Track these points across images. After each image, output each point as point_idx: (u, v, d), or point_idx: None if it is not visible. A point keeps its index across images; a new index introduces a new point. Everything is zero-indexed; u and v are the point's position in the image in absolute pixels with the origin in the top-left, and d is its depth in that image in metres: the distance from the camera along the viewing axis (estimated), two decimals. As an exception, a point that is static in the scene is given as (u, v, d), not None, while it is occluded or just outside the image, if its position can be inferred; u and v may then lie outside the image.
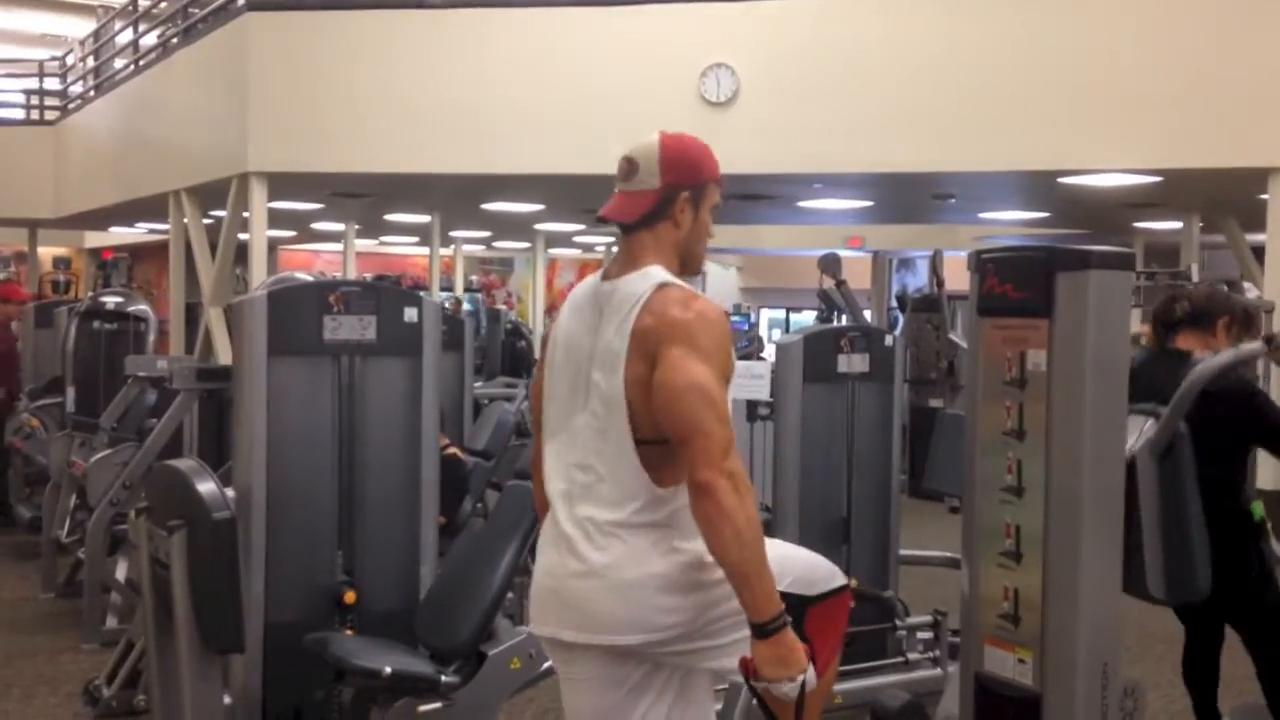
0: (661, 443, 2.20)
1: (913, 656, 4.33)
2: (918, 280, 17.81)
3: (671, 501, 2.22)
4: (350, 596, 3.62)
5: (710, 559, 2.17)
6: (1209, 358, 3.17)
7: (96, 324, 6.79)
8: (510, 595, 3.68)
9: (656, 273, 2.27)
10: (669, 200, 2.31)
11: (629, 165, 2.34)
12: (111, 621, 5.39)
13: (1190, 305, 3.58)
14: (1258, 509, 3.47)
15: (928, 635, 4.41)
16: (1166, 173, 7.10)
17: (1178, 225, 9.86)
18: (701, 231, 2.36)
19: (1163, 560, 2.93)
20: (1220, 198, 8.45)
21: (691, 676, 2.32)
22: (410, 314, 3.78)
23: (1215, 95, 6.41)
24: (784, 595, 2.17)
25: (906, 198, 9.65)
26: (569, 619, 2.26)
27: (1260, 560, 3.47)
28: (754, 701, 2.25)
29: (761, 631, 2.13)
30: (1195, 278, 7.76)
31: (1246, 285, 8.05)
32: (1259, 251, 7.50)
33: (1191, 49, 6.44)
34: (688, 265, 2.36)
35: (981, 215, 10.94)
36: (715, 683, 2.46)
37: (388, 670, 3.22)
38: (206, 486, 3.19)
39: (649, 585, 2.20)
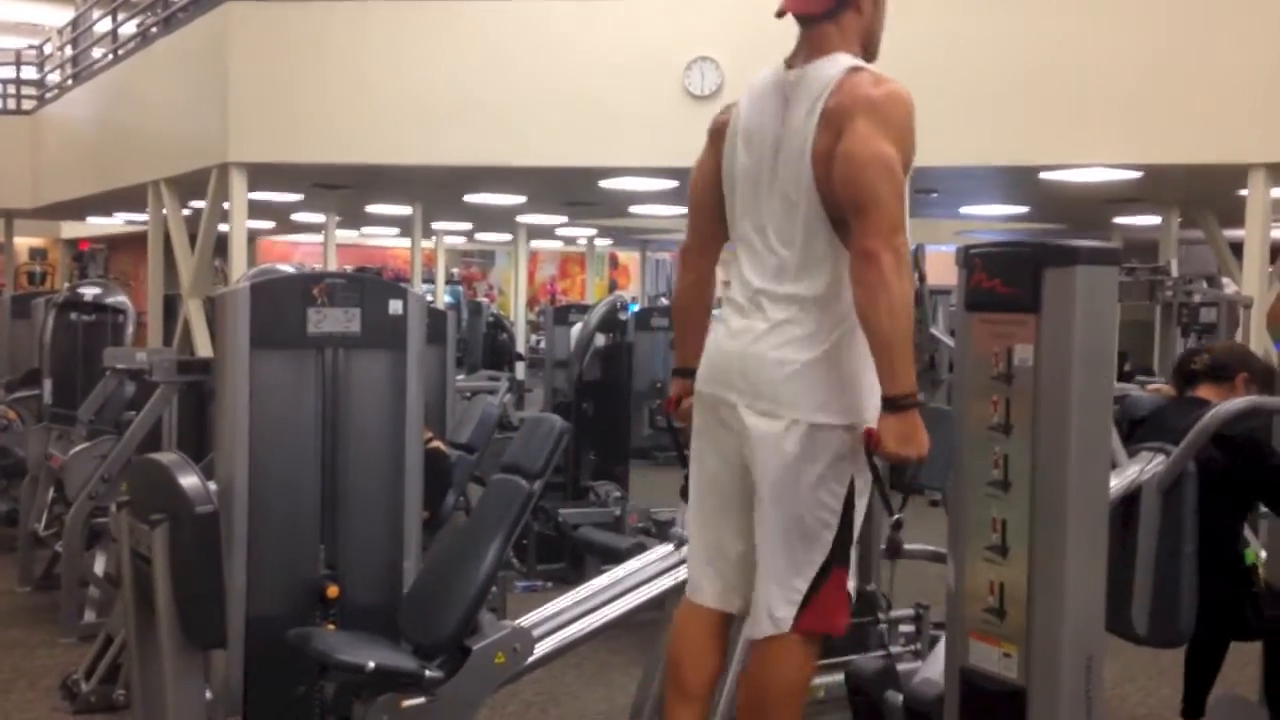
0: (843, 223, 2.28)
1: (895, 649, 4.34)
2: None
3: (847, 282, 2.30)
4: (333, 591, 3.60)
5: (864, 352, 2.27)
6: (1226, 403, 3.19)
7: (74, 315, 6.73)
8: (494, 590, 3.68)
9: (845, 58, 2.33)
10: None
11: None
12: (89, 616, 5.34)
13: (1211, 359, 3.63)
14: (1250, 554, 3.51)
15: (910, 629, 4.42)
16: (1146, 168, 7.15)
17: (1157, 220, 9.92)
18: (882, 15, 2.44)
19: (1150, 599, 2.96)
20: (1199, 193, 8.50)
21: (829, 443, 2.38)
22: (395, 307, 3.76)
23: (1195, 92, 6.45)
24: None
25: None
26: (742, 382, 2.36)
27: (1253, 602, 3.51)
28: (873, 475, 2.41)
29: (893, 405, 2.23)
30: (1174, 273, 7.83)
31: (1225, 281, 8.13)
32: (1236, 247, 7.55)
33: (1171, 45, 6.48)
34: (869, 50, 2.42)
35: (962, 210, 10.97)
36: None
37: (371, 665, 3.19)
38: (189, 480, 3.16)
39: (822, 365, 2.31)
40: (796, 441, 2.33)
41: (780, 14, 2.40)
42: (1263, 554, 3.77)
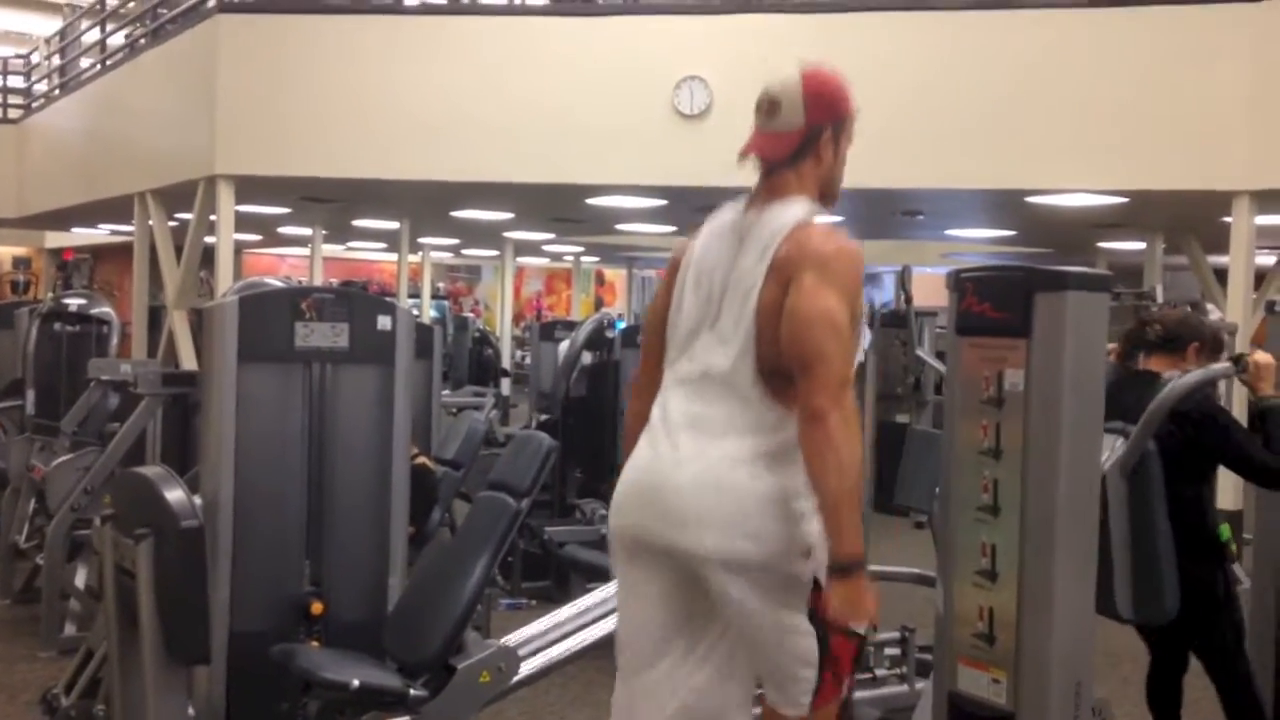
0: (782, 374, 2.24)
1: (880, 673, 4.34)
2: (884, 296, 17.92)
3: (782, 431, 2.25)
4: (318, 607, 3.58)
5: (799, 494, 2.20)
6: (1178, 377, 3.21)
7: (58, 326, 6.69)
8: (479, 608, 3.66)
9: (801, 207, 2.33)
10: (813, 139, 2.36)
11: (771, 104, 2.37)
12: (70, 629, 5.30)
13: (1162, 329, 3.62)
14: (1225, 530, 3.51)
15: (895, 651, 4.42)
16: (1131, 194, 7.19)
17: (1141, 246, 9.97)
18: (841, 164, 2.42)
19: (1131, 580, 2.96)
20: (1183, 220, 8.56)
21: (740, 651, 2.31)
22: (384, 322, 3.75)
23: (1180, 119, 6.49)
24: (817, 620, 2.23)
25: (874, 213, 9.70)
26: (654, 510, 2.28)
27: (1226, 581, 3.51)
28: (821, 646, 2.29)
29: (841, 570, 2.16)
30: (1159, 298, 7.86)
31: (1209, 306, 8.17)
32: (1220, 273, 7.60)
33: (1158, 73, 6.52)
34: (827, 197, 2.41)
35: (949, 232, 11.02)
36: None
37: (355, 683, 3.18)
38: (174, 494, 3.14)
39: (745, 495, 2.23)
40: (744, 589, 2.24)
41: (743, 156, 2.40)
42: (1246, 582, 3.77)
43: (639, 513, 2.31)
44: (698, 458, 2.26)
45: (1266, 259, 8.67)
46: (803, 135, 2.34)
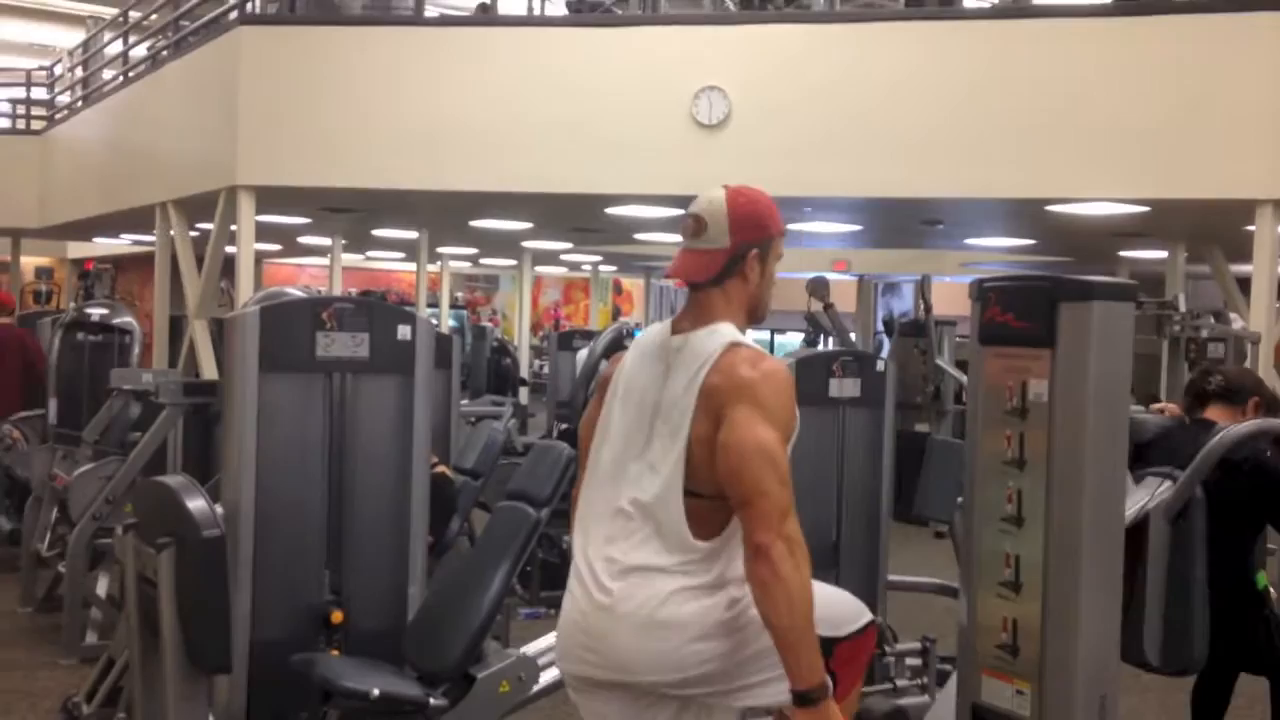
0: (710, 498, 2.21)
1: (901, 683, 4.32)
2: (903, 305, 17.88)
3: (710, 556, 2.22)
4: (338, 616, 3.58)
5: (744, 604, 2.17)
6: (1233, 426, 3.18)
7: (81, 335, 6.73)
8: (499, 617, 3.66)
9: (726, 330, 2.30)
10: (739, 258, 2.33)
11: (696, 224, 2.35)
12: (91, 637, 5.32)
13: (1224, 381, 3.63)
14: (1262, 578, 3.49)
15: (916, 662, 4.40)
16: (1153, 203, 7.15)
17: (1163, 255, 9.92)
18: (769, 283, 2.39)
19: (1161, 627, 2.93)
20: (1205, 228, 8.51)
21: (715, 715, 2.29)
22: (404, 332, 3.76)
23: (1202, 128, 6.46)
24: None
25: (895, 222, 9.69)
26: (596, 657, 2.25)
27: (1266, 626, 3.48)
28: None
29: (803, 699, 2.14)
30: (1182, 308, 7.82)
31: (1232, 316, 8.12)
32: (1243, 282, 7.55)
33: (1179, 82, 6.49)
34: (755, 315, 2.39)
35: (968, 241, 10.98)
36: None
37: (375, 692, 3.18)
38: (196, 504, 3.15)
39: (682, 627, 2.20)
40: (705, 697, 2.23)
41: (667, 278, 2.40)
42: (1273, 592, 3.74)
43: (583, 660, 2.29)
44: (628, 599, 2.22)
45: (1290, 268, 8.60)
46: (728, 255, 2.31)
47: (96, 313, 6.86)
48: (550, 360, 10.45)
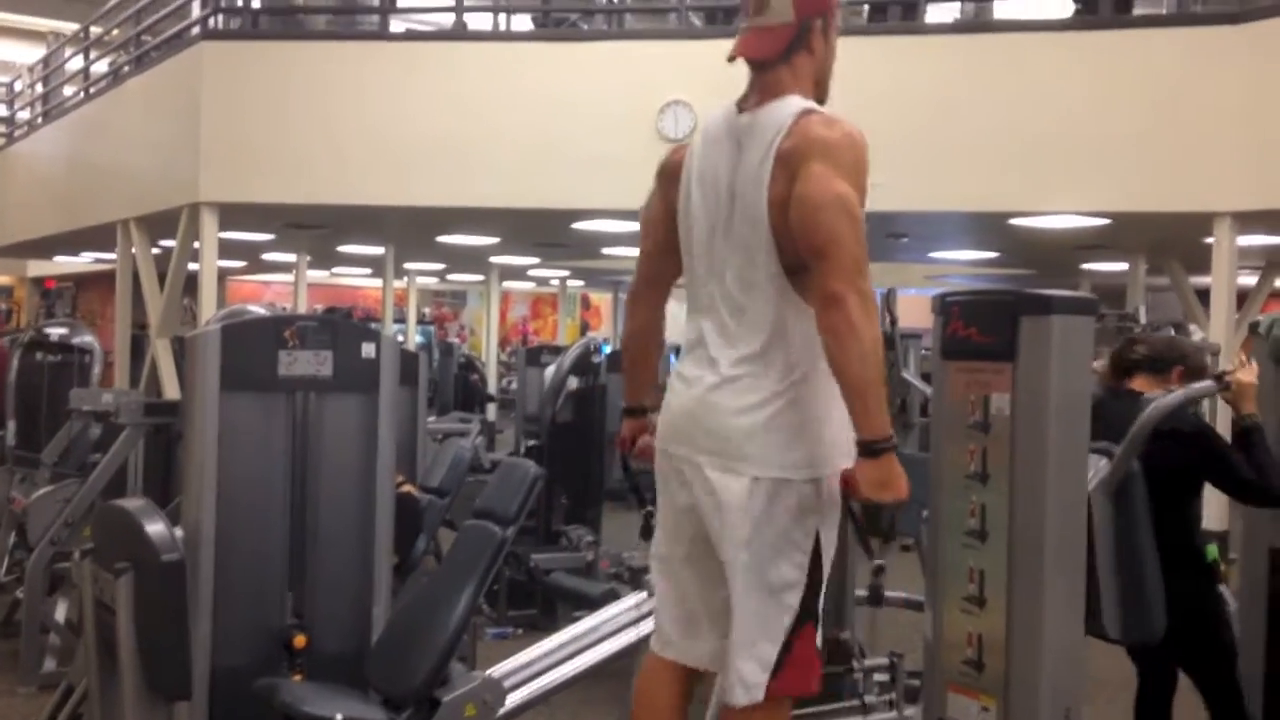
0: (806, 271, 2.23)
1: (869, 699, 4.30)
2: (869, 317, 17.90)
3: (815, 331, 2.24)
4: (300, 640, 3.54)
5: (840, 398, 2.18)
6: (1161, 397, 3.22)
7: (40, 355, 6.64)
8: (464, 638, 3.62)
9: (797, 101, 2.30)
10: (805, 31, 2.33)
11: (759, 1, 2.34)
12: (50, 664, 5.22)
13: (1149, 350, 3.65)
14: (1211, 550, 3.50)
15: (884, 678, 4.39)
16: (1114, 216, 7.22)
17: (1124, 267, 10.02)
18: (833, 55, 2.40)
19: (1118, 600, 2.95)
20: (1165, 241, 8.60)
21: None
22: (368, 350, 3.73)
23: (1162, 142, 6.53)
24: None
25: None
26: (708, 440, 2.29)
27: (1215, 600, 3.50)
28: (851, 520, 2.36)
29: (869, 450, 2.16)
30: (1143, 319, 7.90)
31: (1192, 327, 8.20)
32: (1202, 294, 7.63)
33: (1139, 97, 6.56)
34: (821, 90, 2.40)
35: (932, 254, 11.05)
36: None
37: (338, 718, 3.13)
38: (155, 527, 3.10)
39: (786, 427, 2.24)
40: (760, 498, 2.26)
41: (732, 59, 2.37)
42: (1234, 605, 3.76)
43: (690, 441, 2.34)
44: (739, 393, 2.27)
45: (1248, 279, 8.71)
46: (795, 29, 2.32)
47: (56, 332, 6.78)
48: (518, 376, 10.40)
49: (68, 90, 11.52)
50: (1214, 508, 5.23)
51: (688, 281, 2.43)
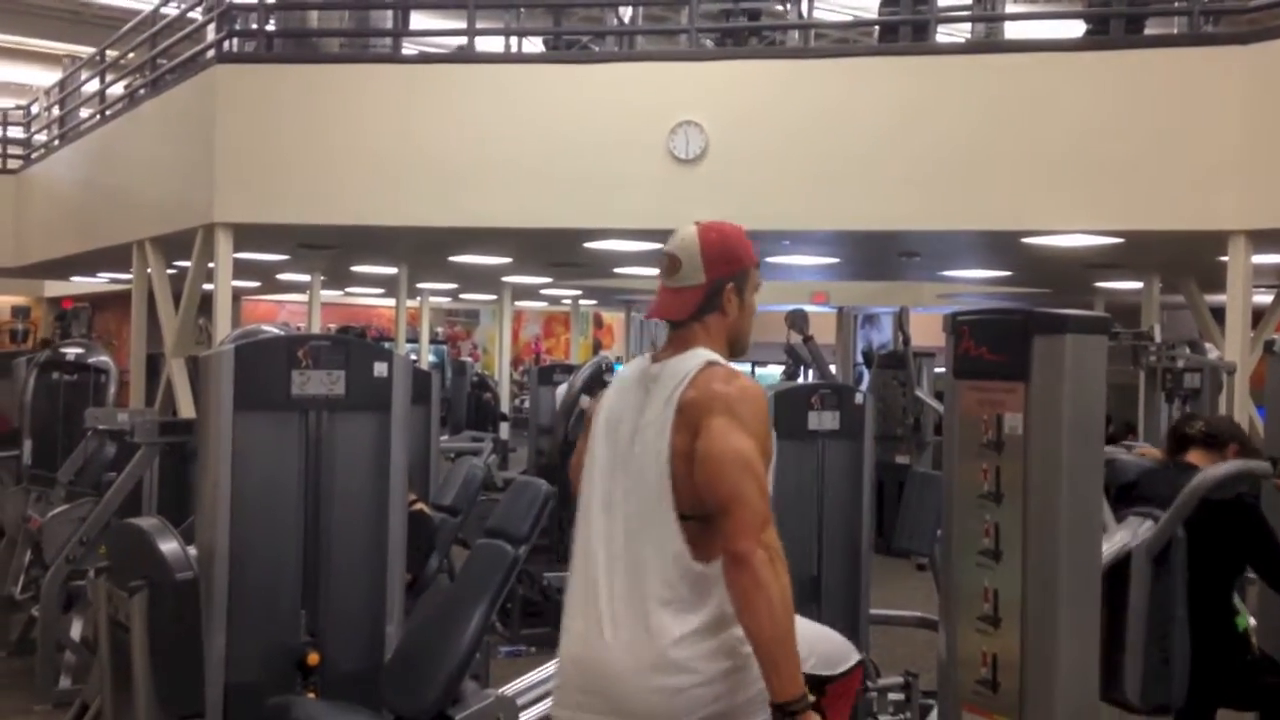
0: (699, 519, 2.21)
1: (884, 718, 4.29)
2: (882, 336, 17.92)
3: (712, 583, 2.21)
4: (314, 658, 3.54)
5: (744, 644, 2.15)
6: (1213, 467, 3.21)
7: (56, 375, 6.68)
8: (477, 656, 3.62)
9: (703, 353, 2.33)
10: (716, 293, 2.37)
11: (672, 263, 2.39)
12: (65, 682, 5.24)
13: (1205, 426, 3.69)
14: (1242, 620, 3.50)
15: (899, 697, 4.37)
16: (1127, 234, 7.21)
17: (1138, 285, 9.99)
18: (748, 314, 2.41)
19: (1143, 665, 2.93)
20: (1179, 259, 8.58)
21: None
22: (380, 369, 3.75)
23: (1175, 160, 6.52)
24: (807, 676, 2.16)
25: (872, 255, 9.73)
26: (598, 700, 2.23)
27: (1247, 670, 3.49)
28: None
29: (784, 712, 2.12)
30: (1157, 338, 7.87)
31: (1208, 346, 8.18)
32: (1217, 312, 7.60)
33: (1152, 116, 6.56)
34: (736, 348, 2.41)
35: (945, 273, 11.04)
36: None
37: (352, 735, 3.14)
38: (169, 546, 3.12)
39: (691, 671, 2.18)
40: None
41: (647, 318, 2.44)
42: (1253, 621, 3.75)
43: (580, 706, 2.27)
44: (633, 640, 2.20)
45: (1264, 297, 8.68)
46: (704, 291, 2.35)
47: (72, 352, 6.81)
48: (531, 394, 10.42)
49: (84, 113, 11.62)
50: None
51: (581, 516, 2.39)
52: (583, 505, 2.39)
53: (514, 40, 8.60)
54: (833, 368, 13.28)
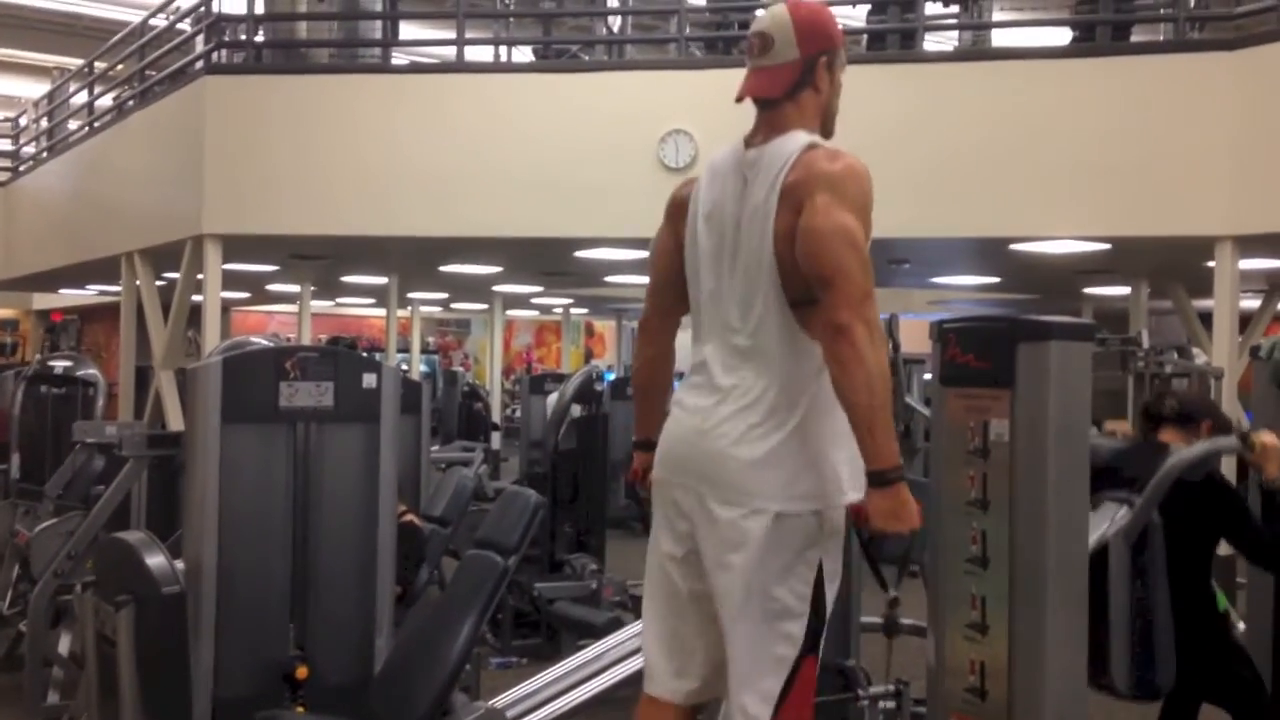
0: (809, 303, 2.24)
1: (875, 727, 4.27)
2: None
3: (818, 362, 2.24)
4: (302, 671, 3.53)
5: (844, 429, 2.18)
6: (1185, 449, 3.21)
7: (44, 388, 6.65)
8: (467, 667, 3.61)
9: (802, 135, 2.33)
10: (810, 68, 2.36)
11: (763, 41, 2.37)
12: (53, 697, 5.20)
13: (1178, 404, 3.67)
14: (1222, 600, 3.50)
15: (890, 705, 4.36)
16: (1115, 240, 7.23)
17: (1126, 291, 10.03)
18: (838, 91, 2.42)
19: (1129, 652, 2.93)
20: (1167, 265, 8.61)
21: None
22: (369, 380, 3.74)
23: (1162, 166, 6.55)
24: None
25: (862, 262, 9.74)
26: (707, 477, 2.28)
27: (1229, 648, 3.49)
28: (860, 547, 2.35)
29: (880, 479, 2.16)
30: (1145, 344, 7.89)
31: (1196, 351, 8.21)
32: (1205, 317, 7.63)
33: (1139, 121, 6.59)
34: (827, 126, 2.42)
35: (934, 280, 11.07)
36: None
37: (341, 748, 3.13)
38: (155, 560, 3.11)
39: (787, 455, 2.24)
40: (762, 531, 2.24)
41: (739, 99, 2.40)
42: (1241, 625, 3.75)
43: (691, 474, 2.33)
44: (735, 426, 2.27)
45: (1251, 302, 8.71)
46: (800, 67, 2.35)
47: (60, 365, 6.79)
48: (523, 404, 10.41)
49: (72, 125, 11.60)
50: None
51: (693, 312, 2.45)
52: (693, 293, 2.41)
53: (503, 50, 8.60)
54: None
